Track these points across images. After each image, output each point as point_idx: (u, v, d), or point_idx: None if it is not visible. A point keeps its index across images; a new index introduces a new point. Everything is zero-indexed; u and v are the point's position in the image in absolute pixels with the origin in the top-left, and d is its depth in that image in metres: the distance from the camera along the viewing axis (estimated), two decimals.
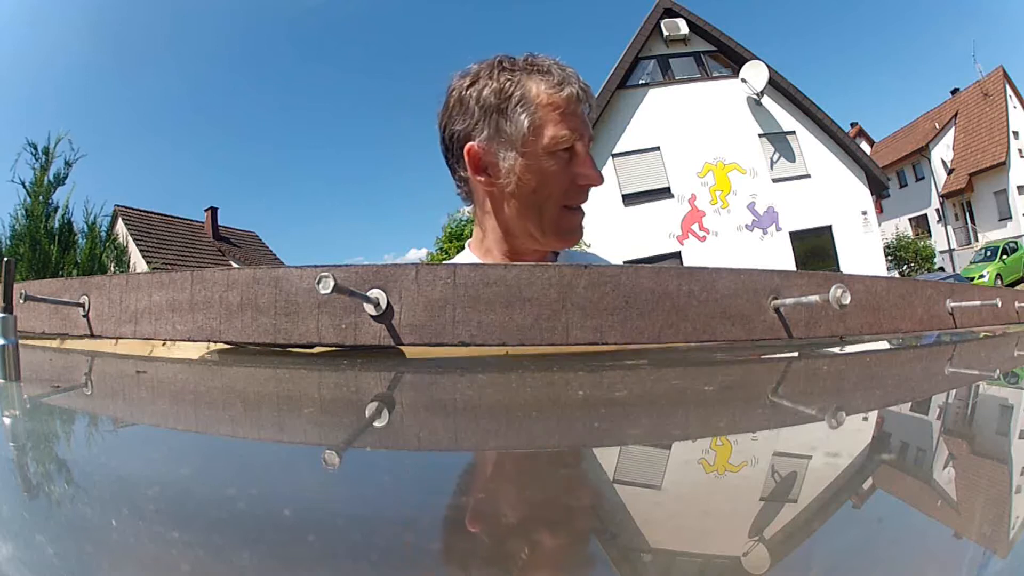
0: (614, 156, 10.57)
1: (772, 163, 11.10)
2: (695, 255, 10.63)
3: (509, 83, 0.70)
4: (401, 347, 0.52)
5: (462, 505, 0.26)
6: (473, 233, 0.81)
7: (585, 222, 0.76)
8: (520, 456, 0.34)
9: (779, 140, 11.19)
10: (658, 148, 10.86)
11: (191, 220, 16.08)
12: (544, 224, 0.73)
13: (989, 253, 14.91)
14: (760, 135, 11.12)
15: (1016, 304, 0.81)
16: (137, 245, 11.98)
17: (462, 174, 0.74)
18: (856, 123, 21.79)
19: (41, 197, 5.48)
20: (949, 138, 18.53)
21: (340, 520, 0.24)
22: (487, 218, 0.76)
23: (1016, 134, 16.88)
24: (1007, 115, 17.05)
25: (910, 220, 19.61)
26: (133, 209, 14.02)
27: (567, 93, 0.70)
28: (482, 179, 0.72)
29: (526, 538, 0.22)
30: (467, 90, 0.72)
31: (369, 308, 0.50)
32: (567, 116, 0.71)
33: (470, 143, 0.71)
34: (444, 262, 0.67)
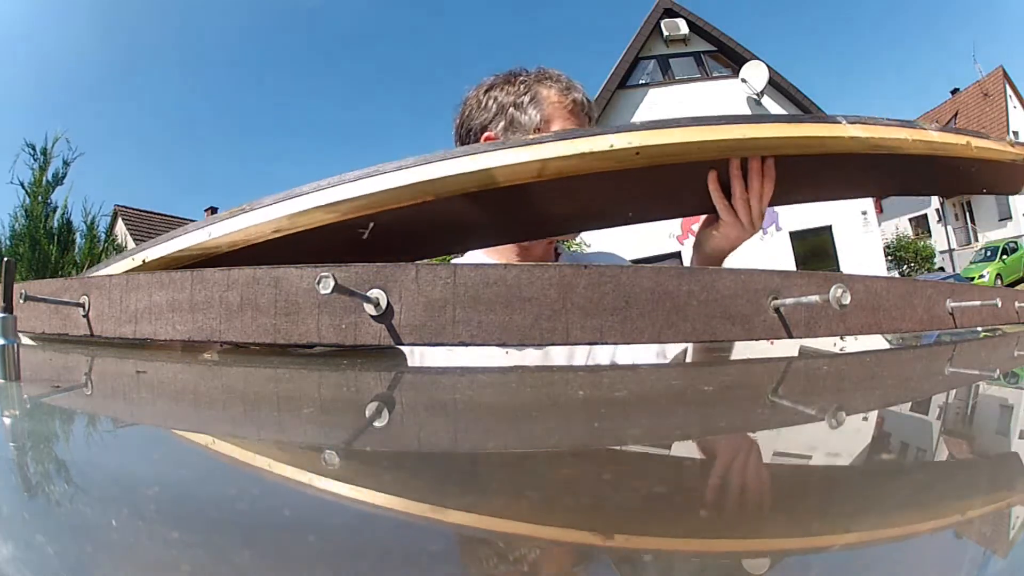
0: None
1: None
2: None
3: (524, 85, 0.82)
4: (401, 347, 0.52)
5: (462, 505, 0.26)
6: None
7: None
8: (520, 456, 0.34)
9: None
10: None
11: (191, 220, 16.07)
12: None
13: (989, 253, 14.91)
14: None
15: (1016, 304, 0.81)
16: (137, 245, 11.96)
17: None
18: None
19: (40, 197, 5.49)
20: None
21: (340, 520, 0.24)
22: None
23: (1016, 134, 16.86)
24: (1007, 115, 17.05)
25: (910, 220, 19.60)
26: (133, 209, 14.04)
27: (573, 97, 0.82)
28: None
29: (526, 538, 0.22)
30: (484, 94, 0.84)
31: (369, 308, 0.50)
32: (573, 114, 0.81)
33: (487, 132, 0.82)
34: (445, 261, 0.67)
